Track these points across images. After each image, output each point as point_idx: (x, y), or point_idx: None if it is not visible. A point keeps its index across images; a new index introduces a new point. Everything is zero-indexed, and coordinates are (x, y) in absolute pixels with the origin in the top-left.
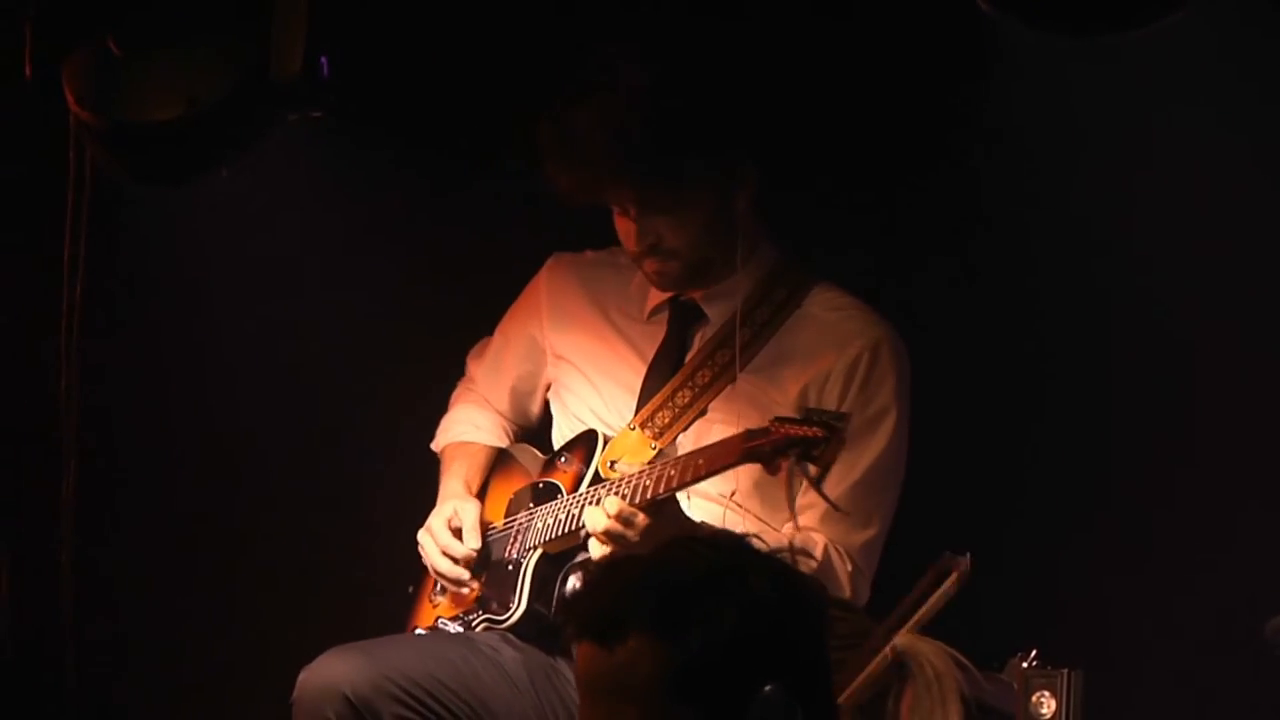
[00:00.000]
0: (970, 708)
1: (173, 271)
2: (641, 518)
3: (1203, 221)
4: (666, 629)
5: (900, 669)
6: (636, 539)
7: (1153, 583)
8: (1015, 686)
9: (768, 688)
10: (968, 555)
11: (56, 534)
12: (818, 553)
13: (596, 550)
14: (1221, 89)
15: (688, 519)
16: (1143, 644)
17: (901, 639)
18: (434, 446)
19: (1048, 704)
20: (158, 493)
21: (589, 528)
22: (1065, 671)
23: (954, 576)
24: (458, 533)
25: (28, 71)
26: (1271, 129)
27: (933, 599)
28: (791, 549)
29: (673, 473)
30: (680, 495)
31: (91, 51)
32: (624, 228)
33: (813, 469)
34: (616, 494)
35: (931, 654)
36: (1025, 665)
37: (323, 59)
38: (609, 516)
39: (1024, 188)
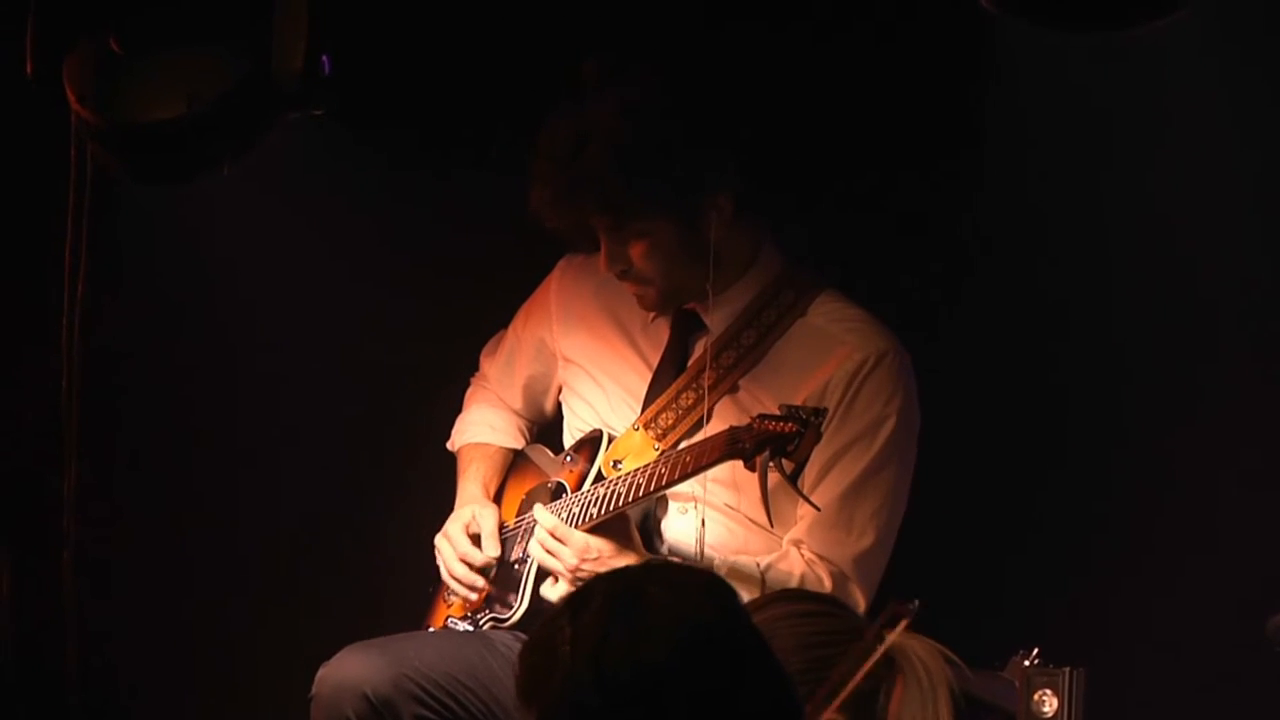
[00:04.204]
0: (960, 703)
1: (177, 270)
2: (578, 538)
3: (1212, 223)
4: (527, 699)
5: (889, 666)
6: (573, 558)
7: (1154, 581)
8: (1017, 685)
9: None
10: (916, 602)
11: (60, 533)
12: (794, 579)
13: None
14: (1229, 85)
15: (632, 538)
16: (1145, 642)
17: (891, 636)
18: (450, 446)
19: (1050, 702)
20: (166, 491)
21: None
22: (1067, 670)
23: (903, 624)
24: (476, 539)
25: (29, 69)
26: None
27: (881, 649)
28: (762, 579)
29: (663, 470)
30: (690, 507)
31: (92, 50)
32: (602, 250)
33: (787, 465)
34: (613, 491)
35: (921, 650)
36: (1027, 664)
37: (324, 57)
38: (545, 530)
39: (1029, 186)
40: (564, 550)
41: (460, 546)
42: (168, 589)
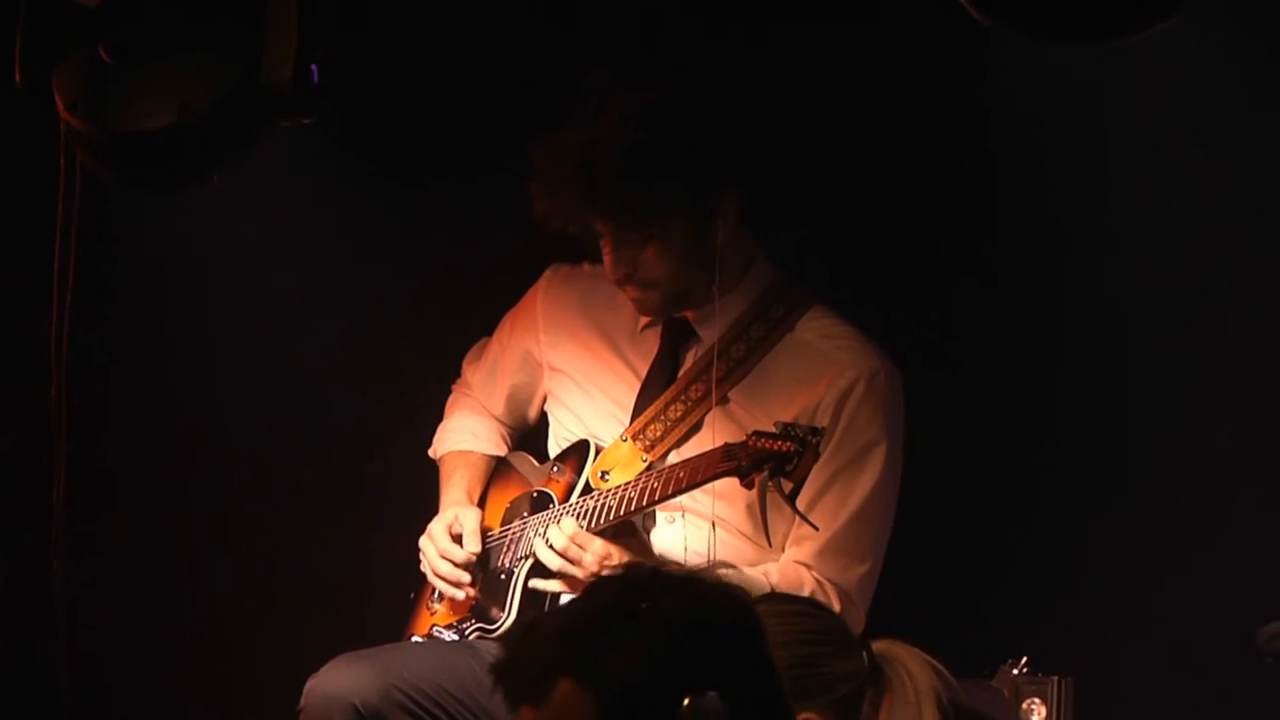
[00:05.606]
0: (947, 713)
1: (165, 278)
2: (598, 543)
3: (1213, 229)
4: (584, 668)
5: (877, 674)
6: (594, 564)
7: (1144, 590)
8: (1006, 694)
9: (686, 701)
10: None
11: (49, 541)
12: (805, 593)
13: (550, 560)
14: (1225, 92)
15: (647, 547)
16: (1134, 652)
17: (879, 644)
18: (432, 454)
19: (1038, 711)
20: (153, 500)
21: (552, 545)
22: (1056, 679)
23: None
24: (458, 539)
25: (18, 77)
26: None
27: None
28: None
29: (655, 485)
30: (677, 517)
31: (82, 58)
32: (605, 256)
33: (786, 485)
34: (602, 504)
35: (908, 659)
36: (1016, 673)
37: (313, 66)
38: (567, 537)
39: (1028, 194)
40: (585, 556)
41: (441, 544)
42: (156, 599)
